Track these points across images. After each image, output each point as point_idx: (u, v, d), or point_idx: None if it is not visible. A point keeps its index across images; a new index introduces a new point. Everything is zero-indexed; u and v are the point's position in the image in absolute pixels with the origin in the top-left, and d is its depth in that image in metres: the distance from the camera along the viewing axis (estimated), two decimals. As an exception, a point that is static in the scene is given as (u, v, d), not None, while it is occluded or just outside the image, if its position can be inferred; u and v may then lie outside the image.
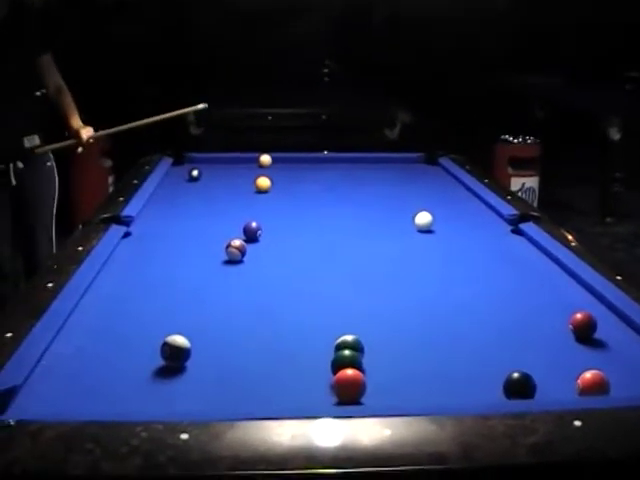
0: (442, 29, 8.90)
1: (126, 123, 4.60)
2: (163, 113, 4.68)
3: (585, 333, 2.41)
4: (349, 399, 2.00)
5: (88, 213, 3.86)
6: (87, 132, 4.46)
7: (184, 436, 1.69)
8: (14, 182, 4.37)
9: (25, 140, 4.38)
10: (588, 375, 2.05)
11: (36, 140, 4.44)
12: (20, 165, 4.37)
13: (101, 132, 4.57)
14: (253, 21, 8.84)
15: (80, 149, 4.50)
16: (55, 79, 4.51)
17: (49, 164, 4.54)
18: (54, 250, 4.48)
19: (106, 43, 8.33)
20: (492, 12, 9.05)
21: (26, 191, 4.44)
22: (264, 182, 4.31)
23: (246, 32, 8.78)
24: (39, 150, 4.41)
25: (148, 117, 4.64)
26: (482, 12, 9.02)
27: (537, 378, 2.03)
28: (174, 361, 2.21)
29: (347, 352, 2.16)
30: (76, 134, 4.46)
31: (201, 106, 4.73)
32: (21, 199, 4.44)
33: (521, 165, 7.24)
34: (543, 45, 8.95)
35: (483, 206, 4.00)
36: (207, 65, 8.56)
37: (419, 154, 5.14)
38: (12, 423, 1.74)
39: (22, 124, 4.38)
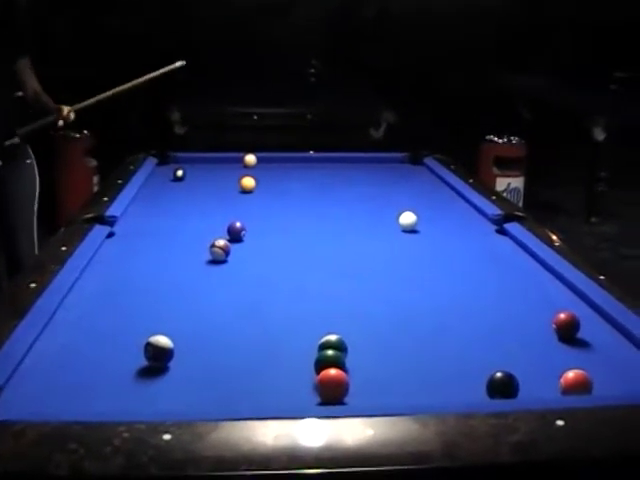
0: (428, 29, 8.90)
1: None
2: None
3: (568, 333, 2.42)
4: (332, 399, 2.00)
5: (73, 213, 3.85)
6: (67, 108, 4.48)
7: (166, 436, 1.69)
8: None
9: (6, 141, 4.38)
10: (571, 374, 2.06)
11: (17, 141, 4.43)
12: None
13: (80, 104, 4.54)
14: (238, 20, 8.83)
15: (61, 122, 4.48)
16: (33, 83, 4.48)
17: (29, 162, 4.52)
18: (36, 249, 4.47)
19: (93, 40, 8.31)
20: (478, 12, 9.06)
21: (6, 189, 4.42)
22: (249, 182, 4.31)
23: (231, 31, 8.77)
24: (21, 131, 4.38)
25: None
26: (468, 12, 9.03)
27: (520, 377, 2.04)
28: (157, 361, 2.20)
29: (330, 352, 2.16)
30: (56, 109, 4.46)
31: (179, 64, 4.69)
32: (1, 197, 4.43)
33: (506, 165, 7.25)
34: (529, 45, 8.97)
35: (468, 206, 4.00)
36: (191, 64, 8.54)
37: (404, 154, 5.14)
38: (-6, 424, 1.74)
39: (3, 124, 4.37)
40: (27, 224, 4.52)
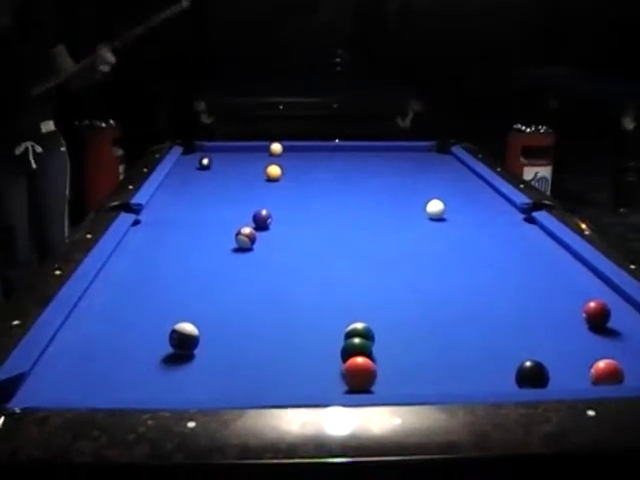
0: (455, 18, 8.88)
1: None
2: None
3: (599, 322, 2.38)
4: (359, 387, 1.97)
5: (99, 202, 3.85)
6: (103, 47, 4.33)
7: (191, 424, 1.67)
8: (34, 166, 4.43)
9: (42, 125, 4.45)
10: (602, 364, 2.02)
11: (51, 125, 4.52)
12: (39, 149, 4.41)
13: (115, 42, 4.40)
14: (266, 11, 8.82)
15: (104, 66, 4.32)
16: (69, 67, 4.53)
17: (62, 149, 4.60)
18: (66, 237, 4.49)
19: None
20: (505, 2, 9.01)
21: (41, 177, 4.47)
22: (275, 170, 4.29)
23: (258, 22, 8.77)
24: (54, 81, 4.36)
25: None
26: (495, 2, 8.98)
27: (550, 367, 2.01)
28: (182, 349, 2.19)
29: (357, 340, 2.14)
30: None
31: (185, 3, 4.55)
32: (36, 185, 4.47)
33: (534, 154, 7.19)
34: (558, 34, 8.91)
35: (496, 195, 3.97)
36: (219, 54, 8.55)
37: (431, 142, 5.11)
38: (18, 411, 1.72)
39: (38, 109, 4.43)
40: (60, 212, 4.60)
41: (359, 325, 2.21)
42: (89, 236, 3.12)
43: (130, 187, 3.88)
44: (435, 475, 1.67)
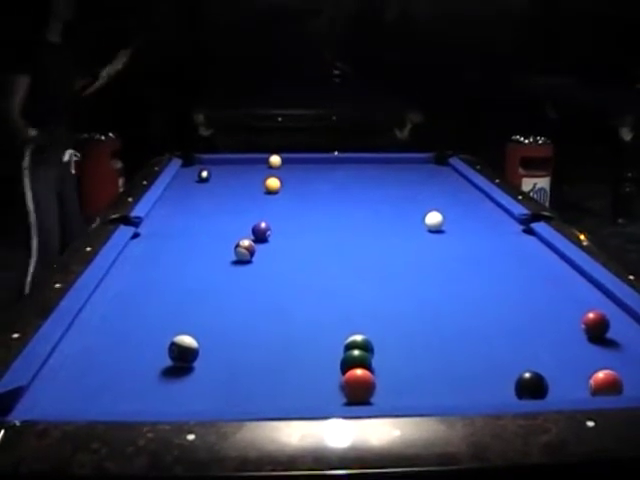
0: (453, 29, 8.89)
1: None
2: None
3: (598, 332, 2.39)
4: (358, 399, 1.98)
5: (98, 214, 3.85)
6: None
7: (191, 436, 1.67)
8: (73, 171, 4.90)
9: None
10: (601, 375, 2.03)
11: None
12: (78, 154, 4.90)
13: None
14: (264, 23, 8.84)
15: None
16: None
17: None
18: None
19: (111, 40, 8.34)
20: (504, 13, 9.03)
21: (69, 175, 4.88)
22: (274, 183, 4.29)
23: (257, 34, 8.78)
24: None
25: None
26: (494, 12, 8.99)
27: (549, 378, 2.01)
28: (182, 361, 2.19)
29: (356, 352, 2.14)
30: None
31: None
32: (65, 183, 4.88)
33: (532, 165, 7.19)
34: (556, 45, 8.92)
35: (494, 206, 3.97)
36: (217, 66, 8.57)
37: (429, 154, 5.12)
38: (17, 424, 1.73)
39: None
40: (78, 209, 5.00)
41: (358, 337, 2.22)
42: (88, 249, 3.12)
43: (129, 200, 3.89)
44: (434, 486, 1.67)
